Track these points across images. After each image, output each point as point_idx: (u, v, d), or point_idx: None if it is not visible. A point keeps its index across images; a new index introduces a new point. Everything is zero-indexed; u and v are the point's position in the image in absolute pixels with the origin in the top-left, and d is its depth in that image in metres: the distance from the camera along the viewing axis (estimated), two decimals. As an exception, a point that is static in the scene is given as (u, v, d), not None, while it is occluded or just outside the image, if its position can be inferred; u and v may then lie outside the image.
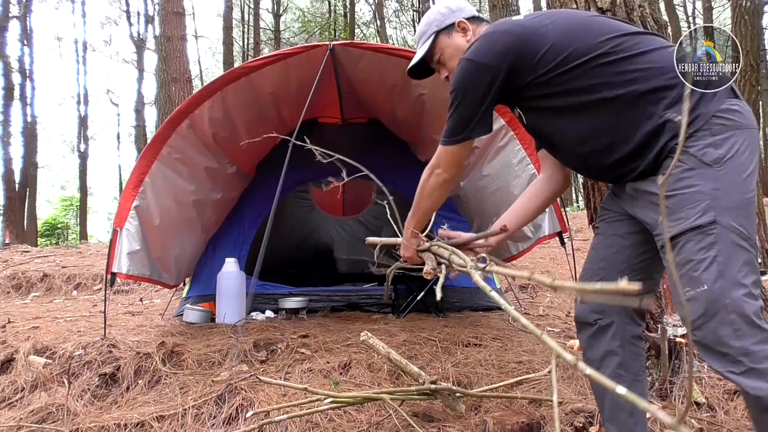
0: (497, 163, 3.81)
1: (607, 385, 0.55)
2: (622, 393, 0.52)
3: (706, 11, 16.29)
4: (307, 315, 4.37)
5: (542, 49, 1.49)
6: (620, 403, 1.58)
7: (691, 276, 1.30)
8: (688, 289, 1.30)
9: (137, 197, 3.57)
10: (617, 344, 1.58)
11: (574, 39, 1.48)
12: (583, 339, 1.66)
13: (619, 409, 1.59)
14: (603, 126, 1.47)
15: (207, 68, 28.35)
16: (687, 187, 1.32)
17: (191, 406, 2.45)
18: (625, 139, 1.43)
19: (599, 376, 0.57)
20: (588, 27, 1.50)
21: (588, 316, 1.62)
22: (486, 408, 2.32)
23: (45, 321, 4.42)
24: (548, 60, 1.49)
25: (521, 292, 5.44)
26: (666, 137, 1.37)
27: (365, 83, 4.06)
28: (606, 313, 1.58)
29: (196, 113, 3.63)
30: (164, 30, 9.70)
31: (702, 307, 1.28)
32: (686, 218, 1.31)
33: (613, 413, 1.60)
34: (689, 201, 1.31)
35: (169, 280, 4.07)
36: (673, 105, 1.37)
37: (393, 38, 24.58)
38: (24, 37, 17.45)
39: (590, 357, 1.63)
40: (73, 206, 21.94)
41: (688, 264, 1.30)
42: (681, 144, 1.05)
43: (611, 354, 1.59)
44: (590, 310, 1.61)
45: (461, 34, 1.73)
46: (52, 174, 34.88)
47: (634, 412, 1.59)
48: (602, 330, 1.60)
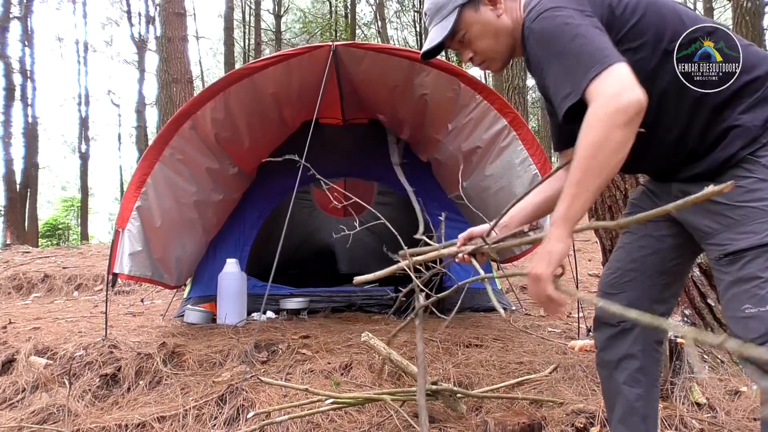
0: (500, 164, 3.81)
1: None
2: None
3: (707, 12, 16.32)
4: (308, 315, 4.37)
5: (632, 20, 1.32)
6: (635, 407, 1.54)
7: (756, 293, 1.23)
8: (749, 306, 1.24)
9: (139, 198, 3.58)
10: (639, 348, 1.53)
11: (667, 21, 1.34)
12: (601, 339, 1.60)
13: (632, 413, 1.55)
14: (677, 117, 1.35)
15: (208, 69, 28.46)
16: (758, 200, 1.24)
17: (192, 407, 2.45)
18: (695, 137, 1.34)
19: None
20: (676, 12, 1.36)
21: (611, 317, 1.56)
22: (487, 409, 2.32)
23: (46, 322, 4.42)
24: (640, 32, 1.32)
25: (522, 292, 5.44)
26: (739, 144, 1.28)
27: (367, 83, 4.06)
28: None
29: (198, 114, 3.63)
30: (165, 31, 9.72)
31: (764, 326, 1.22)
32: (756, 233, 1.23)
33: (624, 416, 1.56)
34: (760, 215, 1.23)
35: (169, 280, 4.08)
36: (750, 110, 1.29)
37: (394, 39, 24.60)
38: (25, 38, 17.49)
39: (606, 358, 1.58)
40: (74, 207, 21.99)
41: (754, 281, 1.24)
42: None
43: (631, 357, 1.54)
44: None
45: (491, 7, 1.45)
46: (53, 175, 34.97)
47: (648, 417, 1.55)
48: (624, 332, 1.54)
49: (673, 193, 1.44)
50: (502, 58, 1.51)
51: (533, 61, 1.34)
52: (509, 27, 1.45)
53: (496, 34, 1.46)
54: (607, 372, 1.59)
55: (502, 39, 1.47)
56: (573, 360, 2.84)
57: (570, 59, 1.22)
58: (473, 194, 4.11)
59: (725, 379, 2.28)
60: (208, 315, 4.18)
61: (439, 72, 3.63)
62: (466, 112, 3.78)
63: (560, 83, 1.23)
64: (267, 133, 4.42)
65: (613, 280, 1.58)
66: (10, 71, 16.10)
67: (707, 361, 2.34)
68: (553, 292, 1.19)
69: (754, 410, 2.09)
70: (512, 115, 3.69)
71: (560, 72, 1.24)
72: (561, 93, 1.23)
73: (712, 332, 2.35)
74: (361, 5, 23.73)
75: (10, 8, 16.08)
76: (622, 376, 1.55)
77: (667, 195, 1.46)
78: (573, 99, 1.18)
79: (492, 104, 3.68)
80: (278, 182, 4.71)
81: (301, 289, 4.75)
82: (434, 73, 3.64)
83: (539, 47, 1.30)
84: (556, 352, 3.09)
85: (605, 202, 2.50)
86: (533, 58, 1.34)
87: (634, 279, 1.53)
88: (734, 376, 2.28)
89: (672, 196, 1.43)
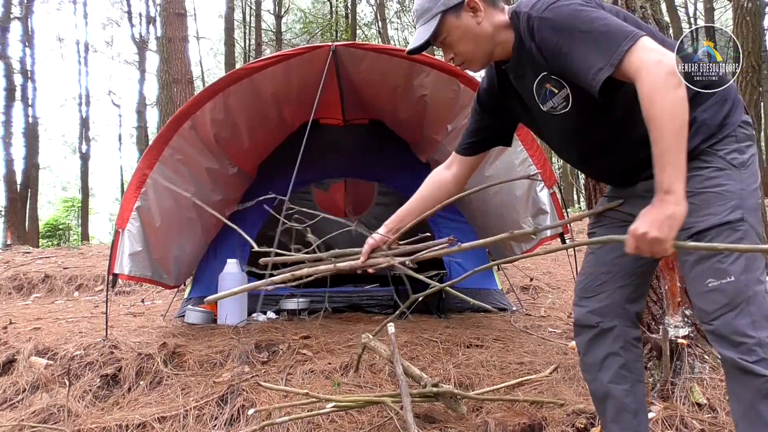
0: (499, 164, 3.81)
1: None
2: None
3: (707, 12, 16.28)
4: (308, 316, 4.37)
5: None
6: (625, 403, 1.59)
7: (717, 267, 1.34)
8: (712, 280, 1.35)
9: (139, 198, 3.58)
10: (619, 346, 1.60)
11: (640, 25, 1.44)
12: (583, 342, 1.66)
13: (623, 410, 1.60)
14: (634, 121, 1.40)
15: (209, 69, 28.43)
16: (716, 186, 1.37)
17: (193, 407, 2.45)
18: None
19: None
20: (626, 19, 1.44)
21: (589, 319, 1.62)
22: (488, 409, 2.32)
23: (46, 322, 4.42)
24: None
25: (523, 293, 5.44)
26: (699, 138, 1.39)
27: (367, 84, 4.07)
28: (608, 317, 1.60)
29: (198, 114, 3.64)
30: (166, 31, 9.72)
31: (726, 297, 1.33)
32: (716, 214, 1.35)
33: (616, 414, 1.61)
34: (719, 198, 1.36)
35: (169, 280, 4.08)
36: (708, 109, 1.40)
37: (394, 39, 24.60)
38: (26, 38, 17.49)
39: (589, 361, 1.64)
40: (75, 207, 21.96)
41: (715, 256, 1.34)
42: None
43: (614, 356, 1.60)
44: (591, 313, 1.62)
45: (471, 14, 1.52)
46: (54, 175, 34.94)
47: (639, 412, 1.61)
48: (604, 333, 1.61)
49: (638, 193, 1.51)
50: (480, 61, 1.61)
51: (549, 47, 1.40)
52: (489, 33, 1.53)
53: (475, 39, 1.54)
54: (592, 375, 1.65)
55: (482, 44, 1.55)
56: (573, 360, 2.84)
57: (597, 37, 1.31)
58: (473, 195, 4.11)
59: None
60: (208, 315, 4.18)
61: (438, 73, 3.63)
62: (466, 112, 3.78)
63: (591, 60, 1.31)
64: (267, 133, 4.42)
65: (587, 284, 1.65)
66: (11, 71, 16.09)
67: (707, 362, 2.34)
68: (671, 252, 1.28)
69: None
70: (512, 116, 3.69)
71: (588, 50, 1.31)
72: (594, 68, 1.30)
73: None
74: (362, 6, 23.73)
75: (11, 8, 16.08)
76: (607, 375, 1.61)
77: (633, 197, 1.54)
78: (608, 71, 1.28)
79: (492, 105, 3.68)
80: (279, 182, 4.70)
81: (302, 290, 4.75)
82: (434, 74, 3.65)
83: (556, 33, 1.37)
84: (557, 353, 3.09)
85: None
86: (549, 43, 1.39)
87: (607, 281, 1.61)
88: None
89: (639, 197, 1.50)
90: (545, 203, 3.82)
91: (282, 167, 4.79)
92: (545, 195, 3.82)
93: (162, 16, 10.13)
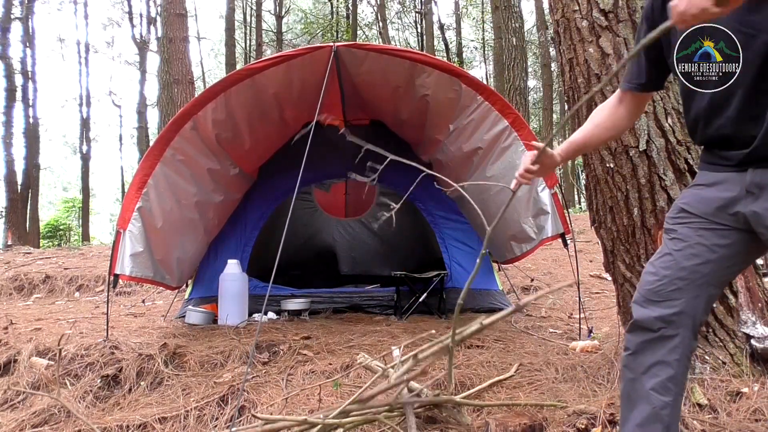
0: (501, 164, 3.81)
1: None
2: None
3: (708, 13, 16.27)
4: (309, 316, 4.37)
5: None
6: (661, 415, 1.48)
7: None
8: None
9: (140, 199, 3.58)
10: (675, 357, 1.48)
11: None
12: (635, 340, 1.54)
13: (656, 421, 1.48)
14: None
15: (209, 70, 28.43)
16: None
17: (193, 408, 2.45)
18: None
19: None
20: None
21: (652, 323, 1.50)
22: (488, 410, 2.31)
23: (47, 322, 4.42)
24: None
25: (523, 293, 5.43)
26: None
27: (368, 84, 4.06)
28: (674, 325, 1.48)
29: (199, 115, 3.64)
30: (167, 32, 9.73)
31: None
32: None
33: (646, 421, 1.50)
34: None
35: (170, 281, 4.08)
36: None
37: (395, 40, 24.61)
38: (26, 39, 17.49)
39: (636, 360, 1.53)
40: (76, 208, 21.98)
41: None
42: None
43: (664, 365, 1.49)
44: (656, 319, 1.50)
45: None
46: (55, 175, 34.95)
47: (671, 427, 1.49)
48: (663, 340, 1.49)
49: (749, 183, 1.40)
50: None
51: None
52: None
53: None
54: (633, 375, 1.54)
55: None
56: (574, 361, 2.83)
57: None
58: (474, 195, 4.11)
59: (727, 380, 2.27)
60: (209, 316, 4.18)
61: (440, 73, 3.63)
62: (468, 112, 3.78)
63: None
64: (268, 134, 4.42)
65: (659, 287, 1.51)
66: (12, 72, 16.09)
67: (708, 362, 2.33)
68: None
69: (756, 411, 2.08)
70: (513, 116, 3.69)
71: None
72: None
73: (713, 335, 2.35)
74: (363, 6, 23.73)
75: (12, 9, 16.09)
76: (651, 382, 1.49)
77: (738, 188, 1.42)
78: None
79: (493, 105, 3.68)
80: (279, 183, 4.71)
81: (303, 290, 4.76)
82: (435, 74, 3.64)
83: None
84: (557, 353, 3.09)
85: (606, 203, 2.48)
86: None
87: (681, 289, 1.48)
88: (736, 377, 2.27)
89: (745, 190, 1.40)
90: (546, 203, 3.82)
91: (282, 168, 4.80)
92: (546, 195, 3.82)
93: (163, 16, 10.13)
